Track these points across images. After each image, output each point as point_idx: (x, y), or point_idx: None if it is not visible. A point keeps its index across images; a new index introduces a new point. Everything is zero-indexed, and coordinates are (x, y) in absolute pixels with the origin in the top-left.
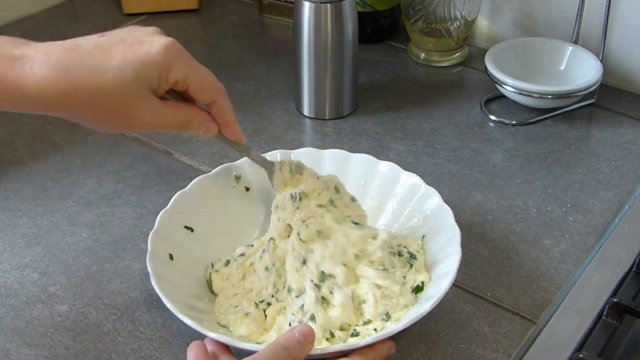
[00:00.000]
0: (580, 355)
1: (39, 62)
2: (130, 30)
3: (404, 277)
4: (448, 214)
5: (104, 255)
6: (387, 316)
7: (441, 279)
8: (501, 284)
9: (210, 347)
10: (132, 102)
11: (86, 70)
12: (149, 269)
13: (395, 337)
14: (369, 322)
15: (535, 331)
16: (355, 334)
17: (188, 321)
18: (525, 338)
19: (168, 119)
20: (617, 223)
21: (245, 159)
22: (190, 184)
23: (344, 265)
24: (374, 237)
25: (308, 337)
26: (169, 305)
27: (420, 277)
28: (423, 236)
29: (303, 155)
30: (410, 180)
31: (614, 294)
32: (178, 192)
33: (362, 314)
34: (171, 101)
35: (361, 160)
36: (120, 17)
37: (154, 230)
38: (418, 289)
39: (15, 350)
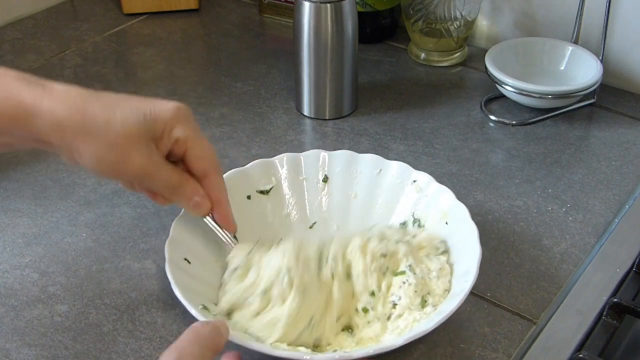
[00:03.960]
0: (580, 355)
1: (59, 90)
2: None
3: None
4: (463, 211)
5: (104, 255)
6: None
7: (460, 279)
8: (501, 284)
9: None
10: (132, 142)
11: (99, 105)
12: (171, 279)
13: None
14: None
15: (535, 331)
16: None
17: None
18: (525, 338)
19: (162, 174)
20: (617, 223)
21: (256, 162)
22: None
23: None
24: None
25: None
26: (194, 312)
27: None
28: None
29: (311, 157)
30: (421, 178)
31: (614, 294)
32: None
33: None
34: (171, 165)
35: (369, 160)
36: (120, 17)
37: (169, 238)
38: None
39: (15, 350)
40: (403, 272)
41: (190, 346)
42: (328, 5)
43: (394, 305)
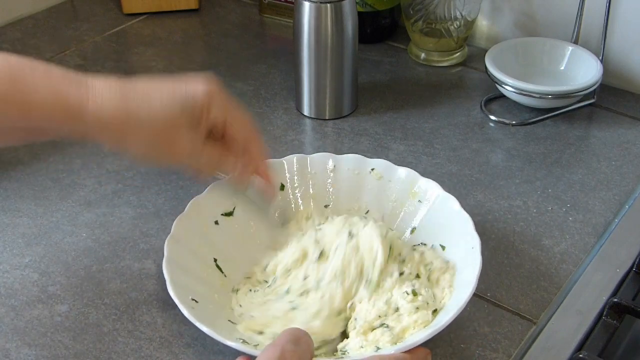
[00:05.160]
0: (580, 355)
1: (100, 88)
2: (183, 75)
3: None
4: (467, 221)
5: (104, 255)
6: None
7: (460, 289)
8: (501, 284)
9: None
10: (176, 130)
11: (139, 100)
12: (183, 310)
13: None
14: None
15: (535, 331)
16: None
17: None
18: (525, 338)
19: (205, 154)
20: (617, 223)
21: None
22: (205, 190)
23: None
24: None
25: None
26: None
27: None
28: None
29: (318, 159)
30: (428, 186)
31: (614, 294)
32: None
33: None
34: (211, 142)
35: (378, 166)
36: (120, 17)
37: (165, 257)
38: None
39: (15, 350)
40: (417, 247)
41: (291, 345)
42: (328, 5)
43: (430, 272)
